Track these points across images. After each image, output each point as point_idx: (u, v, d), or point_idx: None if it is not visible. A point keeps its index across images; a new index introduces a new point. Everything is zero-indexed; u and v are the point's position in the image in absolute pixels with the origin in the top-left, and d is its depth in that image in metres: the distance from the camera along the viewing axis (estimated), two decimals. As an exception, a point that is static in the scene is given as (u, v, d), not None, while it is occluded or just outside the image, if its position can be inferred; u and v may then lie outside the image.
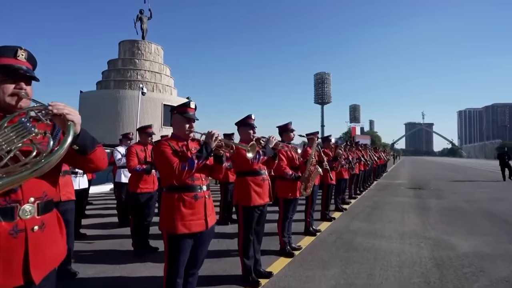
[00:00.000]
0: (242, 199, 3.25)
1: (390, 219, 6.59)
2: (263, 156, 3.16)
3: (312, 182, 4.29)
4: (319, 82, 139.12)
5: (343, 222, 6.31)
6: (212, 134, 2.26)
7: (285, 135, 4.34)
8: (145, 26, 21.42)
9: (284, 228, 4.27)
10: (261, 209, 3.34)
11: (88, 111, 18.22)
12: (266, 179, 3.36)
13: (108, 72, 19.50)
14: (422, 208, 7.91)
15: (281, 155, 4.14)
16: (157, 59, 20.63)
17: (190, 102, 2.37)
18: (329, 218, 6.45)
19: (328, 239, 5.09)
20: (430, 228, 5.80)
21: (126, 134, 6.78)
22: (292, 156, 4.26)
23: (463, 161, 62.90)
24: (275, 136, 3.32)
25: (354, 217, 6.86)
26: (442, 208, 7.95)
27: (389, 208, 7.98)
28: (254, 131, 3.33)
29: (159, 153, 2.23)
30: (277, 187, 4.30)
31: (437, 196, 10.09)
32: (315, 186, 5.31)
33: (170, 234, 2.24)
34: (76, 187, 4.98)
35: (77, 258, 4.04)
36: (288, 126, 4.34)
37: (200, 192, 2.30)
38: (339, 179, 7.26)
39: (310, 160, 4.26)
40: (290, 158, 4.23)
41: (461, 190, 11.81)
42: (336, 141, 6.20)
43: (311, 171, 4.29)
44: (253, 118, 3.38)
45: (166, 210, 2.27)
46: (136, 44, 20.17)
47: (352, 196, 9.57)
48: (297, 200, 4.36)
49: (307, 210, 5.39)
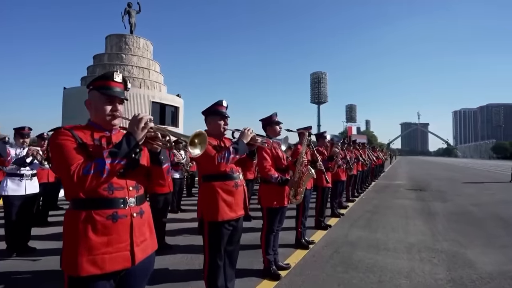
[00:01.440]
0: (207, 211, 2.45)
1: (393, 227, 5.82)
2: (233, 154, 2.35)
3: (304, 187, 3.49)
4: (315, 81, 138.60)
5: (340, 231, 5.52)
6: (139, 119, 1.46)
7: (270, 129, 3.54)
8: (133, 20, 20.47)
9: (269, 243, 3.46)
10: (234, 225, 2.53)
11: (72, 108, 17.24)
12: (241, 185, 2.56)
13: (94, 67, 18.52)
14: (427, 213, 7.16)
15: (265, 153, 3.35)
16: (146, 55, 19.71)
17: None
18: (325, 226, 5.66)
19: (323, 253, 4.30)
20: (441, 238, 5.03)
21: None
22: (278, 155, 3.46)
23: (459, 161, 62.60)
24: (252, 128, 2.51)
25: (353, 224, 6.07)
26: (449, 212, 7.20)
27: (391, 213, 7.21)
28: (226, 121, 2.61)
29: None
30: (260, 193, 3.50)
31: (441, 199, 9.35)
32: (307, 191, 4.52)
33: (71, 276, 1.43)
34: (22, 193, 4.30)
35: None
36: (273, 118, 3.54)
37: (121, 208, 1.49)
38: (335, 181, 6.47)
39: (301, 159, 3.46)
40: (276, 157, 3.43)
41: (465, 192, 11.10)
42: (332, 138, 5.42)
43: (302, 173, 3.49)
44: (224, 105, 2.58)
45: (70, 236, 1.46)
46: (123, 39, 19.23)
47: (350, 199, 8.80)
48: (284, 209, 3.56)
49: (298, 219, 4.60)
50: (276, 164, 3.44)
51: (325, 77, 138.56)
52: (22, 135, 4.37)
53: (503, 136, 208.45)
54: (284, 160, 3.52)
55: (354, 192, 9.64)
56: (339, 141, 5.45)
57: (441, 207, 7.95)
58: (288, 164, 3.56)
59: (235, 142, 2.43)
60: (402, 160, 57.81)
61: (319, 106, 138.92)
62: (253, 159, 2.63)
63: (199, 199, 2.54)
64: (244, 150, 2.43)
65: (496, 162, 56.21)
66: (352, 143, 9.29)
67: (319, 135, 5.74)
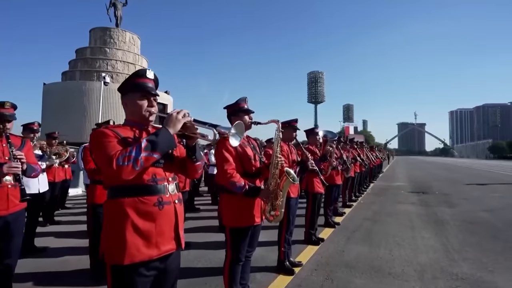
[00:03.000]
0: (108, 248, 1.48)
1: (398, 240, 4.88)
2: (147, 152, 1.39)
3: (283, 198, 2.52)
4: (312, 81, 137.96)
5: (335, 246, 4.57)
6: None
7: (236, 119, 2.58)
8: (119, 13, 19.44)
9: (234, 277, 2.49)
10: (158, 267, 1.56)
11: (52, 105, 16.29)
12: (170, 202, 1.59)
13: (75, 61, 17.47)
14: (435, 221, 6.23)
15: (225, 152, 2.39)
16: (132, 49, 18.68)
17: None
18: (316, 240, 4.70)
19: (312, 280, 3.34)
20: (458, 257, 4.09)
21: None
22: (246, 154, 2.50)
23: (457, 161, 62.00)
24: (186, 111, 1.55)
25: (350, 236, 5.13)
26: (460, 220, 6.28)
27: (394, 221, 6.27)
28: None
29: None
30: (221, 208, 2.54)
31: (447, 203, 8.43)
32: (293, 200, 3.57)
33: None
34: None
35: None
36: (240, 105, 2.59)
37: None
38: (330, 185, 5.51)
39: (275, 160, 2.50)
40: (242, 157, 2.47)
41: (472, 195, 10.20)
42: (325, 135, 4.46)
43: (278, 178, 2.52)
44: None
45: None
46: (108, 32, 18.19)
47: (347, 204, 7.86)
48: (257, 228, 2.60)
49: (281, 236, 3.64)
50: (244, 166, 2.48)
51: (322, 77, 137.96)
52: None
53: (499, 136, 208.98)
54: (255, 161, 2.56)
55: (352, 196, 8.70)
56: (333, 138, 4.49)
57: (449, 213, 7.03)
58: (261, 166, 2.60)
59: (153, 133, 1.47)
60: (400, 160, 57.09)
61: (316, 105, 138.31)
62: (193, 159, 1.68)
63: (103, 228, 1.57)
64: (168, 144, 1.47)
65: (494, 162, 55.62)
66: (349, 141, 8.36)
67: (309, 131, 4.79)
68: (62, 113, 16.04)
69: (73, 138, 14.24)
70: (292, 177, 2.47)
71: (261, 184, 2.56)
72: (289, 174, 2.46)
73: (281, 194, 2.44)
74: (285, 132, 3.70)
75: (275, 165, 2.47)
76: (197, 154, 1.68)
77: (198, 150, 1.71)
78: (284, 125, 3.70)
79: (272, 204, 2.45)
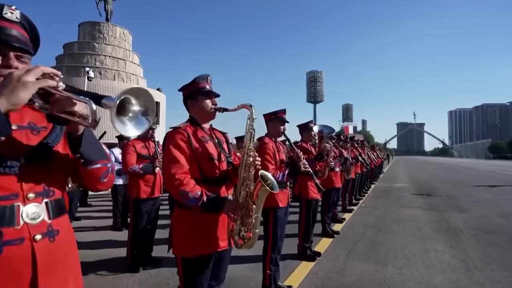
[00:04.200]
0: None
1: (407, 255, 4.15)
2: None
3: (258, 214, 1.76)
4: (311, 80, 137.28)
5: (333, 263, 3.84)
6: None
7: (196, 108, 1.87)
8: (109, 7, 18.70)
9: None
10: None
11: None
12: (22, 240, 0.85)
13: (62, 57, 16.70)
14: (447, 229, 5.50)
15: (173, 148, 1.67)
16: (123, 45, 17.90)
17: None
18: (311, 255, 3.97)
19: (304, 314, 2.61)
20: (483, 278, 3.36)
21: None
22: (206, 151, 1.77)
23: (458, 161, 61.39)
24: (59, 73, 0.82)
25: (352, 249, 4.40)
26: (474, 228, 5.55)
27: (400, 229, 5.54)
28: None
29: None
30: (173, 229, 1.80)
31: (456, 207, 7.71)
32: (280, 210, 2.84)
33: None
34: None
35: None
36: (200, 85, 1.87)
37: None
38: (328, 189, 4.79)
39: (246, 159, 1.75)
40: (201, 156, 1.74)
41: (481, 198, 9.47)
42: (321, 130, 3.71)
43: (251, 185, 1.77)
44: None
45: None
46: (97, 27, 17.40)
47: (347, 209, 7.13)
48: (223, 256, 1.85)
49: (266, 256, 2.90)
50: (202, 169, 1.74)
51: (321, 76, 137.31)
52: None
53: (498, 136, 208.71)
54: (221, 161, 1.82)
55: (352, 200, 7.98)
56: (330, 134, 3.76)
57: (461, 219, 6.30)
58: (228, 169, 1.86)
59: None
60: (399, 160, 56.43)
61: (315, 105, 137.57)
62: (81, 161, 0.96)
63: None
64: None
65: (495, 162, 54.99)
66: (350, 140, 7.62)
67: (303, 126, 4.05)
68: (47, 111, 15.13)
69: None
70: (270, 184, 1.74)
71: (227, 194, 1.83)
72: (265, 179, 1.72)
73: (255, 208, 1.70)
74: (271, 126, 2.98)
75: (246, 166, 1.74)
76: (87, 150, 0.97)
77: (91, 143, 0.98)
78: (270, 117, 2.97)
79: (242, 223, 1.71)
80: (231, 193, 1.86)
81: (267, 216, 2.85)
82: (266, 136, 2.96)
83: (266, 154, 2.74)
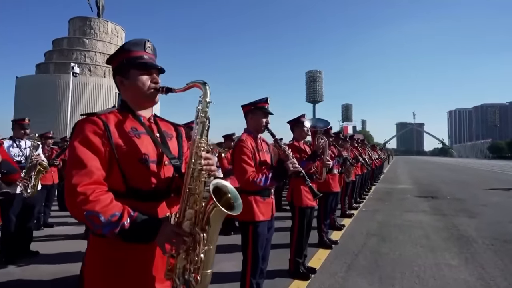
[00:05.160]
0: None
1: (417, 271, 3.56)
2: None
3: (213, 245, 1.17)
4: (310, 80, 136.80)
5: (330, 282, 3.25)
6: None
7: (127, 87, 1.29)
8: (101, 2, 18.10)
9: None
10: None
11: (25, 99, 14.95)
12: None
13: (51, 53, 16.09)
14: (459, 239, 4.92)
15: (79, 145, 1.10)
16: (115, 41, 17.30)
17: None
18: (304, 272, 3.38)
19: None
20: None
21: None
22: (136, 150, 1.18)
23: (458, 161, 60.85)
24: None
25: (352, 263, 3.81)
26: (490, 237, 4.96)
27: (406, 238, 4.96)
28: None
29: None
30: (84, 268, 1.21)
31: (465, 212, 7.12)
32: (262, 225, 2.26)
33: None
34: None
35: None
36: (131, 54, 1.29)
37: None
38: (325, 193, 4.21)
39: (193, 164, 1.16)
40: (125, 157, 1.16)
41: (490, 201, 8.89)
42: (315, 125, 3.13)
43: (198, 201, 1.17)
44: None
45: None
46: (88, 22, 16.80)
47: (347, 214, 6.55)
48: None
49: (245, 281, 2.31)
50: (128, 178, 1.15)
51: (321, 76, 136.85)
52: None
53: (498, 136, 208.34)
54: (161, 165, 1.24)
55: (352, 203, 7.39)
56: (325, 128, 3.17)
57: (472, 226, 5.72)
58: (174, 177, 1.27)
59: None
60: (399, 160, 55.85)
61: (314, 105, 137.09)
62: None
63: None
64: None
65: (495, 162, 54.40)
66: (349, 139, 7.04)
67: (294, 122, 3.45)
68: (35, 108, 14.61)
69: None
70: (231, 199, 1.15)
71: (170, 214, 1.23)
72: (220, 193, 1.14)
73: (206, 237, 1.11)
74: (250, 119, 2.40)
75: (195, 172, 1.15)
76: None
77: None
78: (248, 108, 2.38)
79: (188, 259, 1.12)
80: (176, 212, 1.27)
81: (246, 231, 2.27)
82: (245, 131, 2.38)
83: (243, 153, 2.16)
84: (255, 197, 2.25)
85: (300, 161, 2.96)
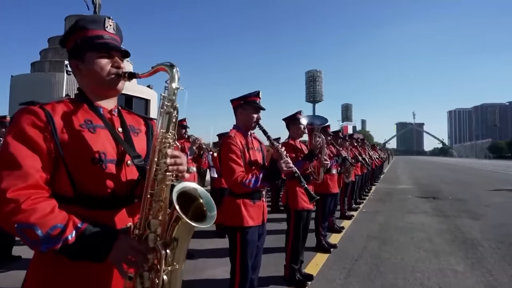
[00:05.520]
0: None
1: (420, 278, 3.35)
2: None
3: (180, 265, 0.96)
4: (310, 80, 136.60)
5: (328, 290, 3.04)
6: None
7: (83, 72, 1.07)
8: (97, 0, 17.89)
9: None
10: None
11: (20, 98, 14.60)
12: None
13: (46, 51, 15.86)
14: (463, 242, 4.71)
15: (13, 142, 0.85)
16: (112, 39, 17.06)
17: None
18: (300, 279, 3.17)
19: None
20: (524, 316, 2.57)
21: None
22: (86, 147, 0.97)
23: (459, 161, 60.66)
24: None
25: (351, 269, 3.60)
26: (496, 240, 4.75)
27: (408, 241, 4.75)
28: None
29: None
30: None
31: (468, 213, 6.92)
32: (252, 230, 2.05)
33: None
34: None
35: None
36: (87, 33, 1.08)
37: None
38: (323, 195, 4.01)
39: (155, 164, 0.95)
40: (73, 155, 0.94)
41: (492, 201, 8.68)
42: (311, 123, 2.92)
43: (163, 210, 0.96)
44: None
45: None
46: (84, 20, 16.58)
47: (346, 215, 6.34)
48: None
49: None
50: (75, 178, 0.94)
51: (321, 76, 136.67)
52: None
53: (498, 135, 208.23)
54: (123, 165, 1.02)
55: (352, 204, 7.18)
56: (323, 126, 2.96)
57: (476, 228, 5.51)
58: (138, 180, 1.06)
59: None
60: (399, 160, 55.66)
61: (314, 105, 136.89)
62: None
63: None
64: None
65: (496, 162, 54.23)
66: (349, 138, 6.83)
67: (290, 119, 3.24)
68: (30, 108, 14.33)
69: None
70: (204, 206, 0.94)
71: (131, 224, 1.02)
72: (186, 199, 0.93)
73: (168, 254, 0.89)
74: (240, 115, 2.18)
75: (159, 174, 0.94)
76: None
77: None
78: (238, 103, 2.17)
79: (145, 281, 0.91)
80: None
81: (233, 238, 2.06)
82: (233, 128, 2.17)
83: (231, 152, 1.95)
84: (244, 200, 2.04)
85: (296, 160, 2.77)
